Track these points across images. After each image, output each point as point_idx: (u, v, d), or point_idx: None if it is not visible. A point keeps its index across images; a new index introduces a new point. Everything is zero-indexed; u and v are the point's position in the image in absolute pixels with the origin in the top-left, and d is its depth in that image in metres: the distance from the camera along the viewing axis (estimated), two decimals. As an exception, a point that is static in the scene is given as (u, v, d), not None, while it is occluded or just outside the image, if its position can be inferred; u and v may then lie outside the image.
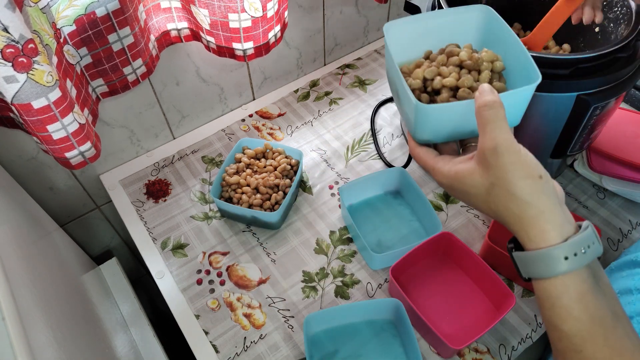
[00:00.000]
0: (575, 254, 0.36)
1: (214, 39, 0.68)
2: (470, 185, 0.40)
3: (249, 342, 0.62)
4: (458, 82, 0.45)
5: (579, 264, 0.36)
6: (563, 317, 0.37)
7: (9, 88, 0.49)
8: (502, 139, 0.37)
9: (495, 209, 0.39)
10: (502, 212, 0.39)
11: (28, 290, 0.47)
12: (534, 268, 0.37)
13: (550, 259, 0.36)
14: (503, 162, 0.37)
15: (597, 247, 0.37)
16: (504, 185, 0.37)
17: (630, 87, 0.58)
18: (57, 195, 0.78)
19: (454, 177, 0.41)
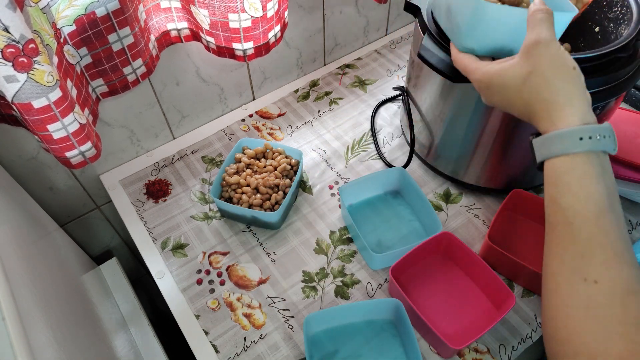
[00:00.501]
0: (590, 137, 0.39)
1: (214, 39, 0.68)
2: (509, 77, 0.44)
3: (249, 342, 0.62)
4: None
5: (592, 147, 0.39)
6: (563, 191, 0.40)
7: (9, 88, 0.49)
8: (546, 34, 0.42)
9: (528, 97, 0.43)
10: (533, 99, 0.43)
11: (28, 290, 0.47)
12: (550, 147, 0.42)
13: (568, 137, 0.40)
14: (543, 52, 0.42)
15: (611, 142, 0.41)
16: (541, 72, 0.42)
17: (630, 87, 0.58)
18: (57, 195, 0.78)
19: (495, 72, 0.46)
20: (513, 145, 0.65)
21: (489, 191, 0.76)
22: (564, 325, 0.38)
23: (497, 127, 0.63)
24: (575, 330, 0.37)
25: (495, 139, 0.65)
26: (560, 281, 0.39)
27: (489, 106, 0.61)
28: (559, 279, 0.40)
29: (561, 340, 0.38)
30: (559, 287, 0.40)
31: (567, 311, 0.38)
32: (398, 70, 0.97)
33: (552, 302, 0.40)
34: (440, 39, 0.60)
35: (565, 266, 0.39)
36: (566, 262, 0.39)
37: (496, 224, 0.68)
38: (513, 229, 0.71)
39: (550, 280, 0.41)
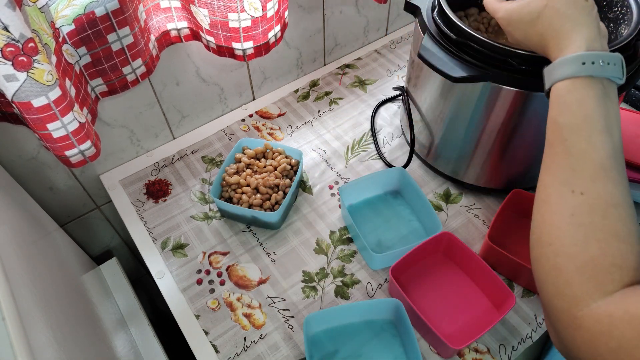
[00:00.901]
0: (592, 62, 0.41)
1: (214, 39, 0.68)
2: (526, 12, 0.48)
3: (249, 342, 0.62)
4: None
5: (594, 72, 0.41)
6: (562, 111, 0.43)
7: (9, 87, 0.49)
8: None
9: (542, 29, 0.46)
10: (546, 30, 0.46)
11: (28, 290, 0.47)
12: (555, 72, 0.44)
13: (570, 62, 0.42)
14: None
15: (616, 70, 0.42)
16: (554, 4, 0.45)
17: (630, 87, 0.58)
18: (57, 195, 0.78)
19: (515, 9, 0.49)
20: (513, 145, 0.65)
21: (489, 191, 0.76)
22: (549, 231, 0.42)
23: (497, 127, 0.63)
24: (558, 234, 0.41)
25: (495, 139, 0.65)
26: (551, 192, 0.43)
27: (491, 106, 0.61)
28: (550, 190, 0.43)
29: (545, 242, 0.42)
30: (549, 197, 0.43)
31: (554, 218, 0.41)
32: (398, 70, 0.97)
33: (541, 211, 0.44)
34: (440, 39, 0.60)
35: (557, 179, 0.42)
36: (558, 175, 0.42)
37: (496, 224, 0.68)
38: (513, 229, 0.71)
39: (542, 191, 0.44)
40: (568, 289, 0.38)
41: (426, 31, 0.62)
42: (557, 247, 0.40)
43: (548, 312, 0.41)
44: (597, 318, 0.36)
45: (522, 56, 0.54)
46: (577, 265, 0.38)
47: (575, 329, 0.37)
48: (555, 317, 0.40)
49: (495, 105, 0.61)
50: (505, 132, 0.64)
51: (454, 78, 0.56)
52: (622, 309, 0.35)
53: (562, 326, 0.39)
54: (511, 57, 0.55)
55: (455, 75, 0.56)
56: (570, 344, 0.38)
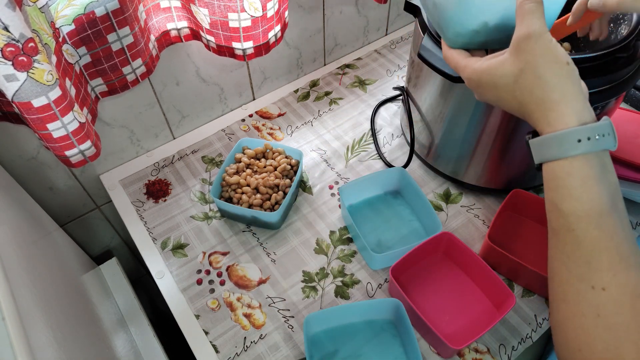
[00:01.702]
0: (588, 138, 0.38)
1: (214, 38, 0.68)
2: (499, 76, 0.42)
3: (249, 342, 0.62)
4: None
5: (591, 148, 0.38)
6: (564, 196, 0.39)
7: (9, 86, 0.49)
8: (537, 27, 0.40)
9: (521, 96, 0.41)
10: (527, 98, 0.41)
11: (28, 290, 0.47)
12: (548, 150, 0.40)
13: (565, 139, 0.38)
14: (534, 47, 0.39)
15: (611, 140, 0.39)
16: (532, 69, 0.40)
17: (630, 87, 0.58)
18: (57, 195, 0.78)
19: (485, 70, 0.43)
20: (513, 145, 0.65)
21: (489, 191, 0.76)
22: (575, 335, 0.38)
23: (497, 127, 0.63)
24: (586, 339, 0.37)
25: (495, 139, 0.65)
26: (568, 290, 0.39)
27: (491, 106, 0.61)
28: (566, 288, 0.39)
29: (572, 349, 0.38)
30: (566, 296, 0.39)
31: (577, 320, 0.38)
32: (398, 70, 0.97)
33: (561, 310, 0.40)
34: (440, 39, 0.60)
35: (572, 274, 0.39)
36: (572, 270, 0.39)
37: (496, 224, 0.68)
38: (513, 229, 0.71)
39: (558, 288, 0.40)
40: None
41: (426, 31, 0.62)
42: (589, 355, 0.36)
43: None
44: None
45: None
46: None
47: None
48: None
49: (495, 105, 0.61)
50: (505, 132, 0.64)
51: (454, 78, 0.56)
52: None
53: None
54: (511, 57, 0.55)
55: (455, 75, 0.56)
56: None
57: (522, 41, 0.40)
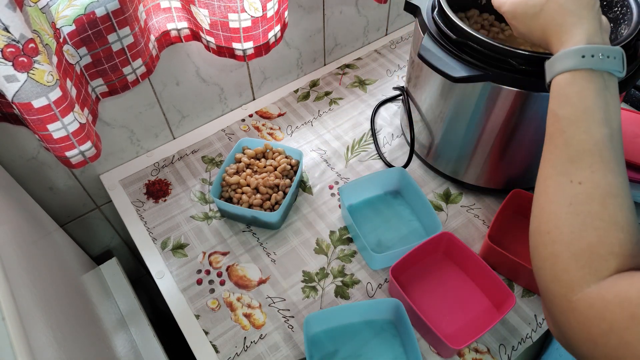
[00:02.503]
0: (592, 56, 0.42)
1: (214, 39, 0.68)
2: (530, 5, 0.48)
3: (249, 342, 0.62)
4: None
5: (593, 65, 0.42)
6: (561, 103, 0.43)
7: (9, 87, 0.49)
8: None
9: (544, 23, 0.47)
10: (549, 24, 0.47)
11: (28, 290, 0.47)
12: (555, 65, 0.44)
13: (570, 54, 0.43)
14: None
15: (616, 64, 0.42)
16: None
17: (630, 87, 0.58)
18: (57, 195, 0.78)
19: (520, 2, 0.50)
20: (513, 145, 0.65)
21: (489, 191, 0.76)
22: (547, 220, 0.42)
23: (497, 127, 0.63)
24: (556, 222, 0.41)
25: (495, 139, 0.65)
26: (549, 183, 0.43)
27: (491, 106, 0.61)
28: (549, 182, 0.43)
29: (542, 231, 0.43)
30: (547, 188, 0.43)
31: (552, 207, 0.42)
32: (398, 70, 0.97)
33: (539, 200, 0.44)
34: (440, 39, 0.60)
35: (556, 170, 0.43)
36: (557, 166, 0.43)
37: (496, 224, 0.68)
38: (513, 229, 0.71)
39: (542, 183, 0.44)
40: (564, 274, 0.39)
41: (426, 31, 0.62)
42: (555, 235, 0.41)
43: (545, 297, 0.42)
44: (591, 302, 0.37)
45: (523, 56, 0.55)
46: (574, 252, 0.39)
47: (570, 312, 0.38)
48: (551, 302, 0.40)
49: (495, 105, 0.61)
50: (505, 132, 0.64)
51: (454, 78, 0.56)
52: (613, 292, 0.36)
53: (557, 311, 0.40)
54: (511, 57, 0.55)
55: (455, 75, 0.56)
56: (565, 328, 0.39)
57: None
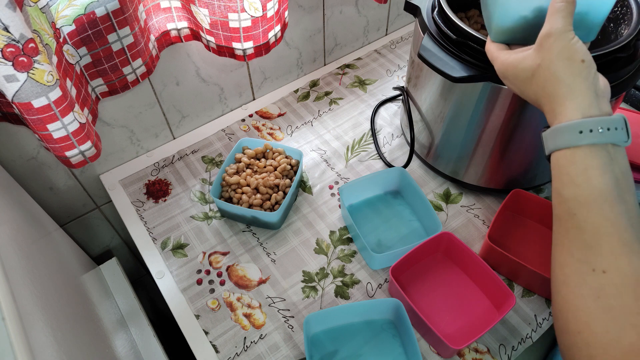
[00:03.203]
0: (590, 130, 0.39)
1: (214, 39, 0.68)
2: (520, 69, 0.45)
3: (249, 342, 0.62)
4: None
5: (593, 140, 0.39)
6: (565, 183, 0.40)
7: (9, 87, 0.49)
8: (560, 25, 0.42)
9: (536, 90, 0.44)
10: (540, 92, 0.43)
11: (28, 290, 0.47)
12: (553, 141, 0.42)
13: (567, 130, 0.40)
14: (553, 44, 0.42)
15: (619, 134, 0.39)
16: (547, 65, 0.42)
17: (630, 87, 0.58)
18: (57, 195, 0.78)
19: (510, 63, 0.46)
20: (513, 145, 0.65)
21: (489, 191, 0.76)
22: (574, 317, 0.38)
23: (497, 127, 0.63)
24: (586, 321, 0.37)
25: (495, 139, 0.65)
26: (569, 272, 0.39)
27: (491, 106, 0.61)
28: (567, 270, 0.39)
29: (572, 331, 0.38)
30: (567, 278, 0.39)
31: (577, 302, 0.38)
32: (398, 70, 0.97)
33: (561, 293, 0.40)
34: (440, 39, 0.60)
35: (573, 257, 0.39)
36: (574, 253, 0.39)
37: (496, 224, 0.68)
38: (513, 229, 0.71)
39: (559, 272, 0.40)
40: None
41: (426, 31, 0.62)
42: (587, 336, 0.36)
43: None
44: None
45: (522, 56, 0.54)
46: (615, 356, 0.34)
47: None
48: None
49: (495, 105, 0.61)
50: (505, 132, 0.64)
51: (454, 78, 0.56)
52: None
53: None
54: (511, 57, 0.55)
55: (455, 75, 0.56)
56: None
57: (544, 39, 0.42)
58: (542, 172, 0.72)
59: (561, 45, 0.41)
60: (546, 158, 0.44)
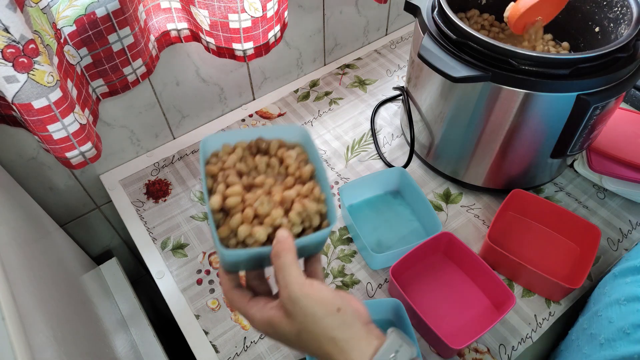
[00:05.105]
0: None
1: (214, 40, 0.68)
2: (282, 332, 0.39)
3: (249, 342, 0.62)
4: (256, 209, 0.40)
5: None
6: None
7: (9, 88, 0.49)
8: (294, 285, 0.37)
9: (311, 350, 0.39)
10: (317, 352, 0.39)
11: (28, 290, 0.47)
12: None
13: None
14: (301, 307, 0.37)
15: (406, 350, 0.37)
16: (308, 328, 0.38)
17: (630, 87, 0.58)
18: (57, 195, 0.78)
19: (267, 324, 0.40)
20: (513, 145, 0.65)
21: (489, 191, 0.76)
22: None
23: (497, 127, 0.63)
24: None
25: (495, 138, 0.65)
26: None
27: (491, 106, 0.61)
28: None
29: None
30: None
31: None
32: (398, 70, 0.97)
33: None
34: (440, 39, 0.60)
35: None
36: None
37: (496, 224, 0.68)
38: (513, 229, 0.71)
39: None
40: None
41: (426, 31, 0.62)
42: None
43: None
44: None
45: (523, 56, 0.55)
46: None
47: None
48: None
49: (495, 105, 0.61)
50: (505, 132, 0.64)
51: (454, 78, 0.56)
52: None
53: None
54: (511, 57, 0.55)
55: (455, 75, 0.56)
56: None
57: (287, 303, 0.38)
58: (542, 172, 0.72)
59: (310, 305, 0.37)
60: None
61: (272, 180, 0.43)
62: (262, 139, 0.45)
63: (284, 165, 0.44)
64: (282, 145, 0.45)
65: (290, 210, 0.41)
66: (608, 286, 0.57)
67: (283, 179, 0.44)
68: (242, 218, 0.40)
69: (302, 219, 0.41)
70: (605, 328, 0.53)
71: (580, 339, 0.57)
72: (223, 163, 0.43)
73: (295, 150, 0.45)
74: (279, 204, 0.41)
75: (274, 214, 0.40)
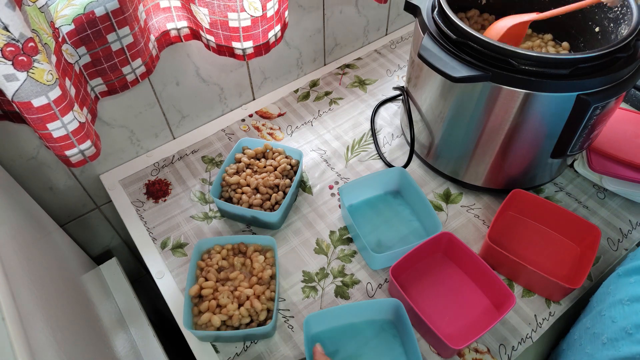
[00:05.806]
0: None
1: (214, 38, 0.68)
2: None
3: (248, 342, 0.62)
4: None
5: None
6: None
7: (9, 86, 0.49)
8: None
9: None
10: None
11: (28, 290, 0.47)
12: None
13: None
14: None
15: None
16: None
17: (630, 87, 0.58)
18: (57, 195, 0.78)
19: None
20: (513, 145, 0.65)
21: (489, 191, 0.76)
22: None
23: (497, 127, 0.63)
24: None
25: (495, 138, 0.65)
26: None
27: (491, 106, 0.61)
28: None
29: None
30: None
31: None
32: (398, 70, 0.97)
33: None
34: (440, 39, 0.60)
35: None
36: None
37: (496, 224, 0.68)
38: (513, 229, 0.71)
39: None
40: None
41: (426, 31, 0.62)
42: None
43: None
44: None
45: (523, 56, 0.55)
46: None
47: None
48: None
49: (495, 105, 0.61)
50: (505, 132, 0.64)
51: (454, 78, 0.56)
52: None
53: None
54: (511, 57, 0.55)
55: (455, 75, 0.56)
56: None
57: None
58: (542, 172, 0.72)
59: None
60: None
61: (242, 277, 0.62)
62: (243, 243, 0.65)
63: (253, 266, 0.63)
64: (256, 249, 0.65)
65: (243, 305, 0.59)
66: (612, 286, 0.57)
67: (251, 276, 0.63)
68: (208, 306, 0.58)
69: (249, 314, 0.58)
70: (608, 328, 0.53)
71: (583, 338, 0.57)
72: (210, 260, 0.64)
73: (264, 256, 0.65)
74: (236, 299, 0.59)
75: (230, 307, 0.58)
